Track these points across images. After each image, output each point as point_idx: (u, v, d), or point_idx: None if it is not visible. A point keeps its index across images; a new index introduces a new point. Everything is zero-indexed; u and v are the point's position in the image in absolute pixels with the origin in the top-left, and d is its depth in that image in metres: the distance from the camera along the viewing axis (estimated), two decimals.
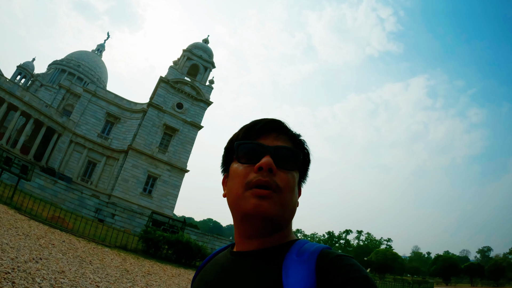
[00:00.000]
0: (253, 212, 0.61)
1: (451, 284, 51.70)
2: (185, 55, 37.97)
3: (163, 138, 32.78)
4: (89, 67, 59.07)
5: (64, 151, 32.71)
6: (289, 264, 0.57)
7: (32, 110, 30.68)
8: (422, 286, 33.18)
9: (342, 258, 0.56)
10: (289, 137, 0.70)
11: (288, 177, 0.64)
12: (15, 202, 11.62)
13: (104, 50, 66.39)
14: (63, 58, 58.25)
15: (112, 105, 36.25)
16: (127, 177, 29.45)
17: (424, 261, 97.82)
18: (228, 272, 0.64)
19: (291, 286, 0.53)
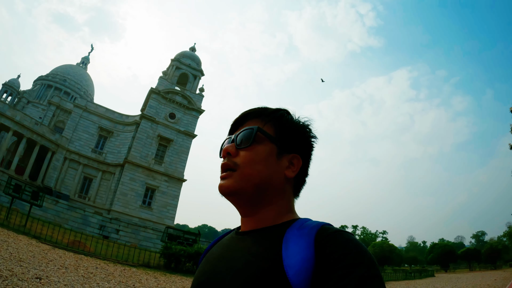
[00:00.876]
0: (220, 193, 0.69)
1: (450, 270, 53.30)
2: (173, 65, 38.44)
3: (158, 149, 33.23)
4: (75, 81, 58.96)
5: (59, 168, 32.81)
6: (290, 237, 0.61)
7: (24, 129, 30.74)
8: (423, 274, 34.33)
9: (341, 233, 0.59)
10: (262, 118, 0.75)
11: (248, 153, 0.69)
12: (28, 229, 11.93)
13: (89, 62, 66.24)
14: (48, 73, 58.03)
15: (104, 119, 36.44)
16: (126, 191, 29.82)
17: (420, 250, 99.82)
18: (231, 249, 0.69)
19: (290, 257, 0.56)
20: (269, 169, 0.69)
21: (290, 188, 0.73)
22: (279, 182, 0.70)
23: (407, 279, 27.83)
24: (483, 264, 54.33)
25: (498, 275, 31.12)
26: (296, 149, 0.73)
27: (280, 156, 0.71)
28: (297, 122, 0.76)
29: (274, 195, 0.69)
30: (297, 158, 0.72)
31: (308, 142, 0.76)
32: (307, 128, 0.76)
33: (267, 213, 0.69)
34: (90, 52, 66.40)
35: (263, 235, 0.66)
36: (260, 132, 0.70)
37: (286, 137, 0.73)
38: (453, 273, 46.90)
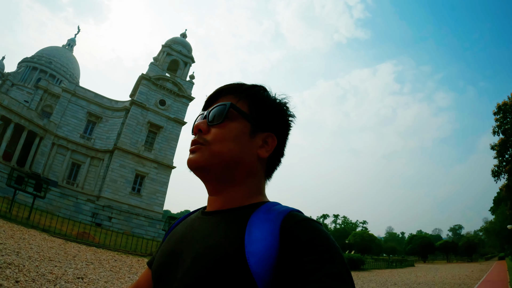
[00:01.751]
0: (188, 167, 0.67)
1: (428, 261, 55.92)
2: (164, 51, 38.24)
3: (148, 136, 33.36)
4: (61, 64, 57.72)
5: (47, 154, 32.53)
6: (254, 222, 0.58)
7: (12, 114, 30.22)
8: (404, 264, 36.06)
9: (309, 222, 0.56)
10: (235, 94, 0.71)
11: (220, 130, 0.66)
12: (32, 221, 12.04)
13: (75, 44, 64.92)
14: (34, 55, 56.54)
15: (93, 104, 36.11)
16: (115, 178, 29.97)
17: (399, 241, 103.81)
18: (194, 229, 0.66)
19: (252, 243, 0.53)
20: (241, 147, 0.66)
21: (262, 168, 0.70)
22: (250, 161, 0.67)
23: (389, 268, 29.28)
24: (460, 257, 57.30)
25: (475, 267, 33.07)
26: (271, 128, 0.70)
27: (254, 135, 0.68)
28: (274, 99, 0.73)
29: (243, 174, 0.67)
30: (271, 137, 0.69)
31: (284, 121, 0.73)
32: (284, 106, 0.73)
33: (234, 193, 0.67)
34: (76, 34, 65.00)
35: (227, 217, 0.64)
36: (233, 108, 0.68)
37: (261, 114, 0.69)
38: (431, 263, 49.28)
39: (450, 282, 16.70)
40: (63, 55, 59.55)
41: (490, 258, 56.04)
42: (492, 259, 53.83)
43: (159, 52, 39.36)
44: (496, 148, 32.41)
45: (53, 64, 56.19)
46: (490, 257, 57.70)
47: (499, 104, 31.06)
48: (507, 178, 32.14)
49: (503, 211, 41.71)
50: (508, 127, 30.73)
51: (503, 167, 32.79)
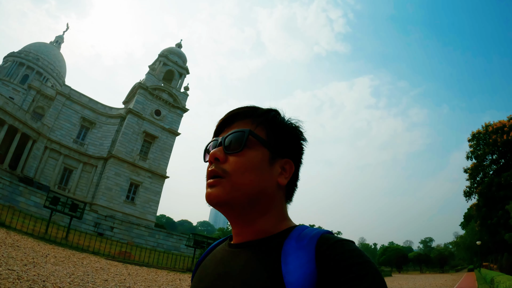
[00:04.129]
0: (208, 202, 0.64)
1: (402, 271, 59.59)
2: (161, 61, 39.45)
3: (143, 145, 34.52)
4: (48, 61, 57.36)
5: (39, 158, 33.00)
6: (288, 250, 0.57)
7: (6, 115, 30.50)
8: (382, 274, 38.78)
9: (343, 243, 0.56)
10: (252, 119, 0.69)
11: (239, 159, 0.64)
12: (71, 241, 13.17)
13: (63, 42, 64.44)
14: (21, 50, 55.91)
15: (87, 109, 36.80)
16: (111, 186, 30.96)
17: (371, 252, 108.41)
18: (227, 265, 0.64)
19: (290, 273, 0.53)
20: (262, 177, 0.65)
21: (283, 194, 0.70)
22: (272, 190, 0.66)
23: None
24: (432, 268, 61.39)
25: (447, 277, 36.46)
26: (288, 154, 0.70)
27: (273, 162, 0.67)
28: (289, 124, 0.72)
29: (267, 204, 0.66)
30: (289, 164, 0.69)
31: (299, 146, 0.73)
32: (299, 130, 0.73)
33: (260, 223, 0.66)
34: (65, 31, 64.57)
35: (259, 249, 0.62)
36: (252, 135, 0.66)
37: (279, 140, 0.69)
38: (406, 274, 52.77)
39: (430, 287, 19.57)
40: (51, 52, 59.15)
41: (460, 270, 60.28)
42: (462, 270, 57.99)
43: (155, 61, 40.54)
44: (468, 171, 35.88)
45: (41, 61, 55.79)
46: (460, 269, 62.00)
47: (473, 132, 34.49)
48: (477, 198, 35.50)
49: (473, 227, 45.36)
50: (481, 153, 34.14)
51: (475, 189, 36.26)
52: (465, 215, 52.61)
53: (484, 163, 34.92)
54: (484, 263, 43.35)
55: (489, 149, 33.24)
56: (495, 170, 34.25)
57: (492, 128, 32.55)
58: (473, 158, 35.39)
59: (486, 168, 35.02)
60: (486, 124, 33.58)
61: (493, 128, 32.40)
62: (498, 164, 34.09)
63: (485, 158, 34.49)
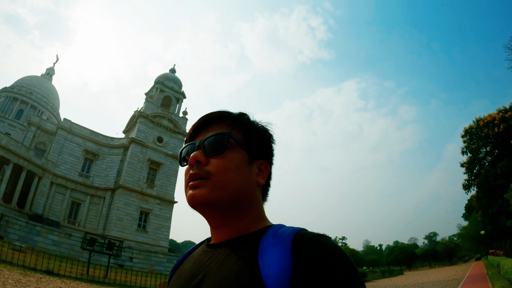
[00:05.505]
0: (191, 204, 0.67)
1: (412, 269, 60.71)
2: (157, 87, 40.52)
3: (148, 173, 35.31)
4: (42, 94, 58.12)
5: (46, 194, 33.49)
6: (265, 246, 0.60)
7: (10, 154, 31.03)
8: (395, 273, 39.92)
9: (318, 238, 0.58)
10: (227, 123, 0.73)
11: (221, 161, 0.67)
12: (109, 279, 13.84)
13: (54, 73, 65.18)
14: (13, 84, 56.69)
15: (89, 142, 37.48)
16: (122, 216, 31.60)
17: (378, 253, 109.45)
18: (204, 263, 0.67)
19: (268, 266, 0.56)
20: (243, 177, 0.69)
21: (260, 194, 0.75)
22: (252, 190, 0.71)
23: (384, 278, 32.91)
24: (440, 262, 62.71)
25: (457, 268, 37.82)
26: (263, 155, 0.75)
27: (251, 163, 0.72)
28: (261, 127, 0.78)
29: (247, 204, 0.70)
30: (265, 164, 0.75)
31: (271, 148, 0.78)
32: (270, 133, 0.79)
33: (240, 222, 0.69)
34: (55, 62, 65.40)
35: (236, 246, 0.65)
36: (232, 138, 0.70)
37: (254, 143, 0.74)
38: (416, 270, 53.89)
39: (444, 280, 21.25)
40: (43, 85, 59.94)
41: (468, 260, 61.67)
42: (470, 260, 59.38)
43: (151, 88, 41.59)
44: (465, 166, 37.46)
45: (34, 95, 56.48)
46: (467, 259, 63.42)
47: (466, 128, 36.22)
48: (477, 190, 37.03)
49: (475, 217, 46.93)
50: (475, 147, 35.80)
51: (473, 181, 37.83)
52: (466, 206, 54.23)
53: (479, 155, 36.60)
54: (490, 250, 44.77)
55: (482, 142, 34.97)
56: (490, 161, 35.91)
57: (483, 122, 34.31)
58: (468, 153, 37.08)
59: (482, 161, 36.69)
60: (477, 118, 35.38)
61: (484, 122, 34.15)
62: (492, 155, 35.76)
63: (480, 151, 36.20)
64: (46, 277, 10.96)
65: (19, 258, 12.09)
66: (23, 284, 8.50)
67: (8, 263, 11.21)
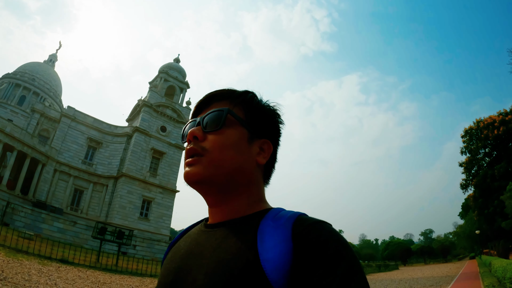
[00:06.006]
0: (186, 181, 0.66)
1: (408, 264, 61.90)
2: (161, 77, 40.81)
3: (151, 162, 35.84)
4: (44, 81, 58.22)
5: (49, 181, 33.99)
6: (265, 229, 0.58)
7: (15, 142, 31.45)
8: (390, 267, 40.87)
9: (320, 224, 0.57)
10: (230, 100, 0.71)
11: (218, 137, 0.66)
12: (121, 267, 14.36)
13: (57, 60, 65.19)
14: (16, 71, 56.73)
15: (93, 130, 37.85)
16: (124, 204, 32.21)
17: (374, 247, 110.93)
18: (200, 244, 0.65)
19: (267, 250, 0.54)
20: (241, 155, 0.67)
21: (261, 175, 0.72)
22: (250, 169, 0.69)
23: (380, 272, 33.81)
24: (435, 259, 63.88)
25: (451, 266, 38.83)
26: (266, 134, 0.72)
27: (251, 141, 0.69)
28: (267, 106, 0.75)
29: (245, 183, 0.68)
30: (267, 144, 0.72)
31: (277, 127, 0.75)
32: (276, 112, 0.76)
33: (237, 202, 0.67)
34: (58, 49, 65.38)
35: (235, 228, 0.63)
36: (231, 114, 0.68)
37: (257, 121, 0.71)
38: (411, 266, 55.00)
39: (438, 276, 22.03)
40: (46, 71, 60.00)
41: (462, 258, 62.88)
42: (464, 259, 60.56)
43: (155, 77, 41.88)
44: (463, 165, 38.05)
45: (36, 81, 56.62)
46: (462, 258, 64.65)
47: (466, 129, 36.74)
48: (474, 190, 37.71)
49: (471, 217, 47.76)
50: (474, 148, 36.36)
51: (470, 181, 38.48)
52: (463, 205, 55.06)
53: (478, 156, 37.19)
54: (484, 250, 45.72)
55: (482, 144, 35.54)
56: (488, 162, 36.51)
57: (483, 124, 34.82)
58: (467, 153, 37.67)
59: (480, 161, 37.31)
60: (478, 120, 35.88)
61: (484, 123, 34.66)
62: (491, 156, 36.36)
63: (478, 152, 36.78)
64: (63, 266, 11.46)
65: (35, 247, 12.52)
66: (45, 273, 8.97)
67: (25, 253, 11.63)
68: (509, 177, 30.89)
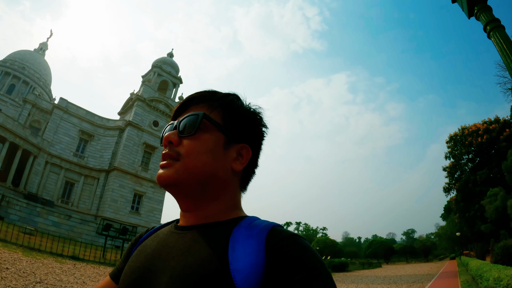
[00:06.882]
0: (159, 183, 0.64)
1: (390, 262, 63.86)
2: (155, 71, 41.01)
3: (143, 156, 36.20)
4: (34, 69, 57.41)
5: (40, 173, 33.97)
6: (237, 238, 0.57)
7: (7, 133, 31.32)
8: (373, 265, 42.27)
9: (294, 239, 0.55)
10: (209, 103, 0.70)
11: (193, 142, 0.65)
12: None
13: (47, 49, 64.27)
14: (5, 58, 55.76)
15: (85, 122, 37.87)
16: (116, 198, 32.56)
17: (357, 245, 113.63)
18: (168, 245, 0.64)
19: (237, 260, 0.52)
20: (215, 161, 0.65)
21: (237, 181, 0.70)
22: (224, 175, 0.66)
23: (364, 269, 35.11)
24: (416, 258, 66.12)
25: (432, 265, 40.55)
26: (245, 139, 0.70)
27: (228, 147, 0.67)
28: (248, 109, 0.73)
29: (218, 189, 0.66)
30: (246, 149, 0.69)
31: (258, 131, 0.73)
32: (258, 116, 0.74)
33: (210, 208, 0.66)
34: (49, 37, 64.37)
35: (206, 233, 0.62)
36: (206, 119, 0.66)
37: (235, 125, 0.69)
38: (394, 264, 56.89)
39: (420, 274, 23.32)
40: (36, 60, 59.20)
41: (443, 259, 65.12)
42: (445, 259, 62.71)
43: (148, 71, 42.06)
44: (447, 170, 39.60)
45: (26, 70, 55.80)
46: (442, 258, 66.95)
47: (451, 135, 38.24)
48: (456, 194, 39.31)
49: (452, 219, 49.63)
50: (458, 153, 37.86)
51: (453, 185, 40.08)
52: (445, 207, 57.13)
53: (461, 161, 38.76)
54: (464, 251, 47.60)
55: (466, 150, 37.08)
56: (471, 168, 38.11)
57: (468, 131, 36.33)
58: (451, 158, 39.23)
59: (463, 167, 38.90)
60: (463, 127, 37.38)
61: (469, 131, 36.18)
62: (474, 162, 37.95)
63: (462, 157, 38.36)
64: (78, 263, 11.81)
65: (47, 245, 12.81)
66: (67, 272, 9.32)
67: (38, 250, 11.88)
68: (490, 183, 32.46)
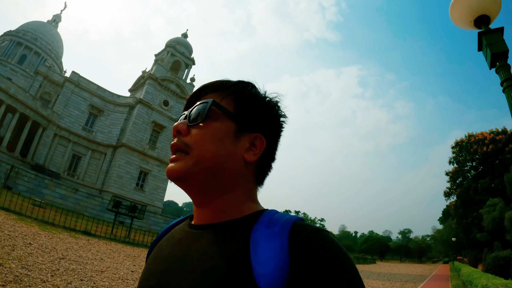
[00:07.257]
0: (168, 177, 0.60)
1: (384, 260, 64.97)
2: (168, 51, 41.15)
3: (151, 135, 36.76)
4: (47, 41, 57.55)
5: (48, 145, 34.43)
6: (258, 238, 0.52)
7: (18, 104, 31.62)
8: (368, 261, 43.09)
9: (319, 234, 0.52)
10: (221, 91, 0.65)
11: (201, 131, 0.60)
12: (132, 239, 15.46)
13: (61, 21, 64.17)
14: (18, 28, 55.86)
15: (95, 97, 38.22)
16: (122, 174, 33.20)
17: (352, 239, 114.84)
18: (184, 247, 0.59)
19: (261, 264, 0.48)
20: (224, 150, 0.60)
21: (251, 173, 0.64)
22: (236, 166, 0.61)
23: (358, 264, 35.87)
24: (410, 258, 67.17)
25: (425, 267, 41.41)
26: (260, 128, 0.64)
27: (239, 136, 0.62)
28: (263, 97, 0.67)
29: (230, 181, 0.61)
30: (260, 139, 0.63)
31: (275, 121, 0.67)
32: (275, 105, 0.68)
33: (223, 202, 0.61)
34: (63, 10, 64.22)
35: (223, 233, 0.57)
36: (215, 106, 0.62)
37: (248, 113, 0.64)
38: (387, 262, 57.90)
39: (413, 274, 24.24)
40: (49, 32, 59.21)
41: (436, 262, 66.13)
42: (438, 262, 63.71)
43: (161, 51, 42.22)
44: (450, 175, 39.90)
45: (39, 41, 55.92)
46: (436, 261, 67.94)
47: (457, 141, 38.40)
48: (456, 199, 39.71)
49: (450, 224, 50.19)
50: (462, 160, 38.09)
51: (454, 190, 40.44)
52: (443, 211, 57.58)
53: (465, 168, 39.01)
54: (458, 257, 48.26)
55: (470, 157, 37.30)
56: (473, 175, 38.39)
57: (474, 139, 36.49)
58: (455, 163, 39.45)
59: (466, 173, 39.17)
60: (469, 134, 37.58)
61: (475, 139, 36.35)
62: (477, 170, 38.21)
63: (466, 164, 38.59)
64: (91, 238, 12.23)
65: (60, 219, 13.17)
66: (82, 247, 9.76)
67: (51, 224, 12.21)
68: (490, 193, 32.81)
